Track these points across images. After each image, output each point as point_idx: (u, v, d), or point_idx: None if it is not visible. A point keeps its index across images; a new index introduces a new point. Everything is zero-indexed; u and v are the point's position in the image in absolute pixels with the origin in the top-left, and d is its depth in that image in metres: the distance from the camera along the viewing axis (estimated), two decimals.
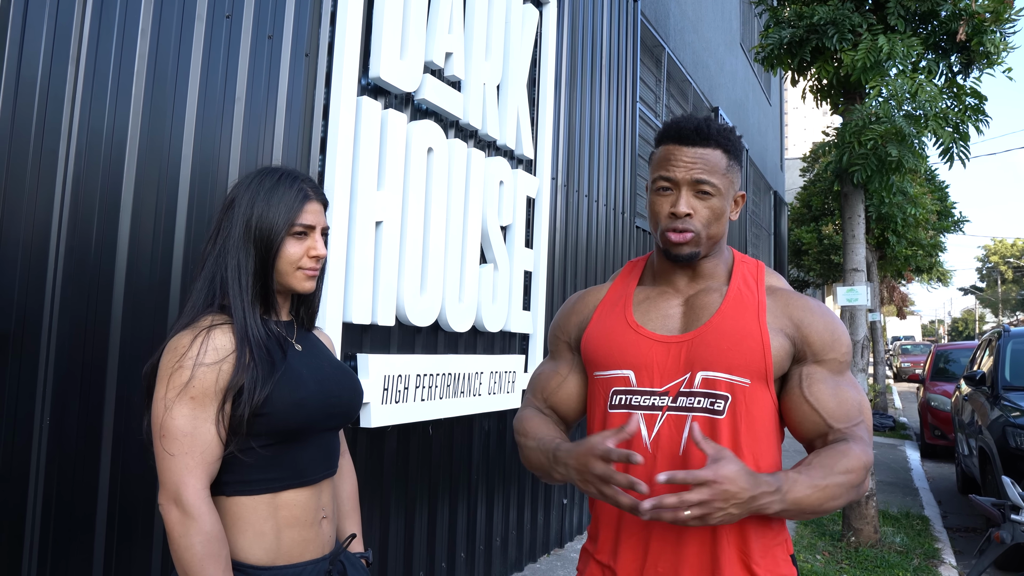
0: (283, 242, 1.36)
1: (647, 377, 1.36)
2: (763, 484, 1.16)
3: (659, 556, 1.32)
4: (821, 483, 1.22)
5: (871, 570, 4.60)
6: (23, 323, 1.88)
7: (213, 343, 1.28)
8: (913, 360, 23.83)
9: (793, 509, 1.20)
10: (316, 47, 2.80)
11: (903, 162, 4.91)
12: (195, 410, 1.25)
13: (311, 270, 1.40)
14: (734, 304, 1.37)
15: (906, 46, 4.81)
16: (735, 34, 10.89)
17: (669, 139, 1.38)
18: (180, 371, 1.25)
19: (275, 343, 1.35)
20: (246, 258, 1.34)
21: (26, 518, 1.87)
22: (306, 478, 1.36)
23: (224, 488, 1.30)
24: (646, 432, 1.34)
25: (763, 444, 1.33)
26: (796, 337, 1.35)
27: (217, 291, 1.35)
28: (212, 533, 1.22)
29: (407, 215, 3.12)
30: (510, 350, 4.06)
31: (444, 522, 3.53)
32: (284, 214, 1.36)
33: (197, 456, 1.24)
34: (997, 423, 5.46)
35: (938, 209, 13.64)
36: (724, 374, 1.32)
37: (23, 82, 1.89)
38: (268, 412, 1.29)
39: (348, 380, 1.48)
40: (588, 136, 5.09)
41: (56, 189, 1.96)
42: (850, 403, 1.33)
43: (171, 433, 1.24)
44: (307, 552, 1.35)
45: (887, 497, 6.91)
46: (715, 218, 1.37)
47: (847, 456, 1.25)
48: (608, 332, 1.43)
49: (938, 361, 11.02)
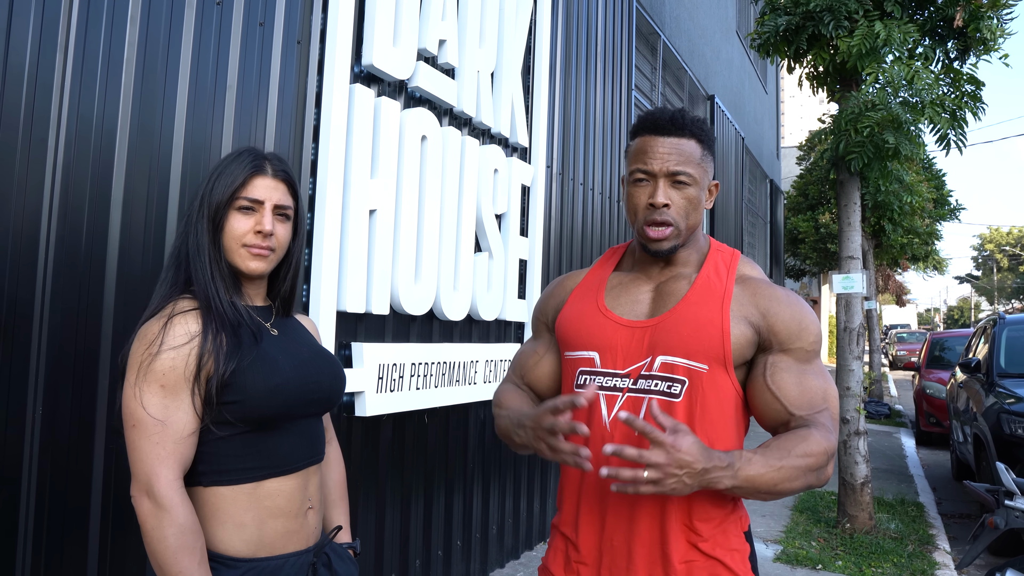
0: (226, 216, 1.30)
1: (611, 359, 1.41)
2: (715, 459, 1.19)
3: (615, 530, 1.37)
4: (776, 464, 1.24)
5: (866, 556, 4.62)
6: (14, 313, 1.87)
7: (183, 327, 1.25)
8: (909, 348, 23.90)
9: (746, 486, 1.23)
10: (308, 34, 2.77)
11: (900, 149, 4.90)
12: (166, 398, 1.22)
13: (256, 247, 1.32)
14: (700, 292, 1.41)
15: (903, 32, 4.79)
16: (731, 21, 10.84)
17: (644, 130, 1.42)
18: (149, 358, 1.22)
19: (246, 326, 1.31)
20: (202, 235, 1.30)
21: (20, 509, 1.87)
22: (288, 466, 1.32)
23: (200, 479, 1.26)
24: (606, 412, 1.39)
25: (720, 429, 1.36)
26: (761, 326, 1.38)
27: (183, 271, 1.31)
28: (186, 525, 1.18)
29: (401, 203, 3.10)
30: (505, 338, 4.05)
31: (440, 511, 3.53)
32: (229, 187, 1.30)
33: (169, 445, 1.21)
34: (992, 410, 5.48)
35: (934, 197, 13.64)
36: (682, 359, 1.35)
37: (11, 70, 1.87)
38: (241, 399, 1.25)
39: (328, 366, 1.43)
40: (583, 124, 5.07)
41: (46, 178, 1.95)
42: (814, 391, 1.35)
43: (142, 422, 1.20)
44: (290, 544, 1.32)
45: (882, 484, 6.95)
46: (692, 207, 1.41)
47: (806, 440, 1.28)
48: (579, 315, 1.49)
49: (934, 349, 11.06)
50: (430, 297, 3.28)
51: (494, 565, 3.97)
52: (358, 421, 2.97)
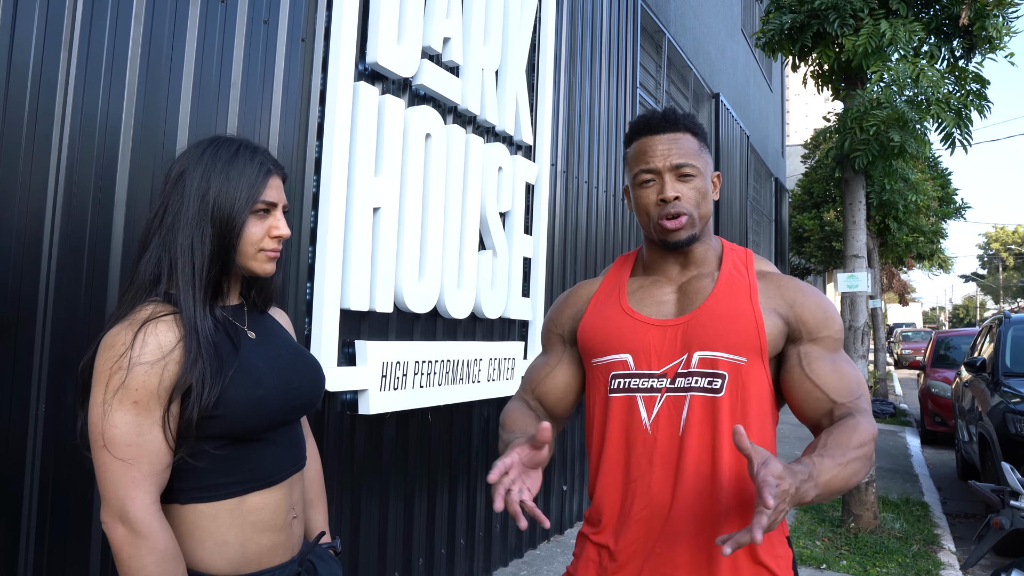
0: (246, 222, 1.23)
1: (644, 360, 1.38)
2: (799, 473, 1.12)
3: (659, 536, 1.33)
4: (843, 460, 1.21)
5: (870, 556, 4.61)
6: (17, 310, 1.87)
7: (156, 339, 1.14)
8: (914, 347, 23.84)
9: (825, 492, 1.17)
10: (312, 32, 2.77)
11: (906, 147, 4.88)
12: (139, 416, 1.11)
13: (273, 251, 1.27)
14: (726, 287, 1.40)
15: (908, 31, 4.77)
16: (736, 19, 10.81)
17: (640, 133, 1.44)
18: (119, 372, 1.11)
19: (224, 335, 1.22)
20: (202, 238, 1.20)
21: (22, 505, 1.87)
22: (271, 478, 1.24)
23: (177, 496, 1.17)
24: (645, 414, 1.36)
25: (760, 422, 1.35)
26: (790, 316, 1.38)
27: (164, 275, 1.21)
28: (166, 551, 1.09)
29: (405, 201, 3.10)
30: (509, 336, 4.05)
31: (443, 509, 3.53)
32: (247, 190, 1.22)
33: (144, 467, 1.11)
34: (997, 409, 5.45)
35: (940, 195, 13.60)
36: (722, 353, 1.34)
37: (15, 67, 1.87)
38: (221, 413, 1.16)
39: (308, 368, 1.36)
40: (588, 122, 5.06)
41: (50, 175, 1.95)
42: (849, 378, 1.35)
43: (113, 442, 1.10)
44: (276, 557, 1.24)
45: (887, 483, 6.93)
46: (702, 197, 1.42)
47: (857, 431, 1.26)
48: (605, 319, 1.46)
49: (939, 348, 11.01)
50: (434, 295, 3.28)
51: (497, 564, 3.97)
52: (361, 419, 2.97)
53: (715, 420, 1.32)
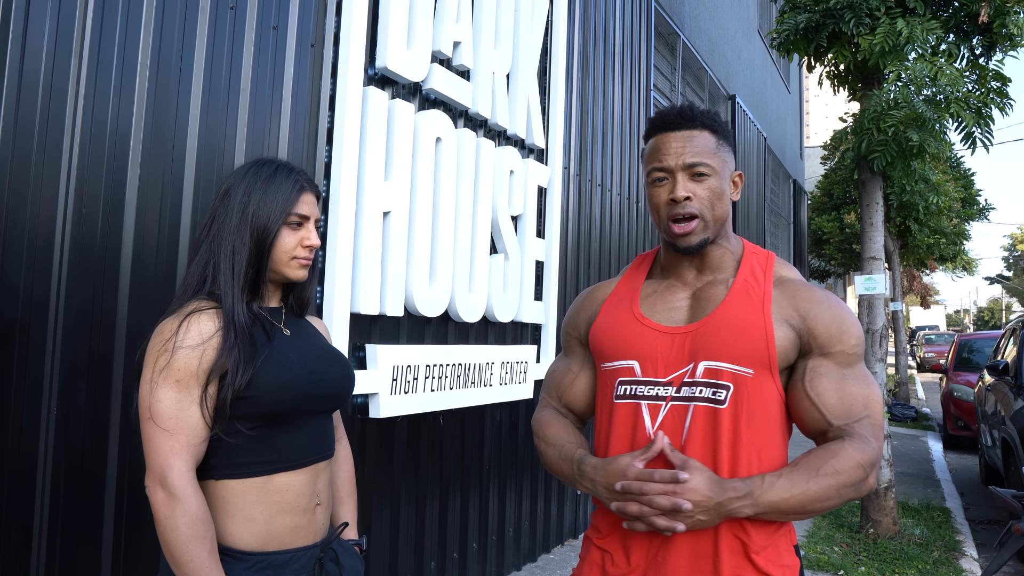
0: (279, 231, 1.39)
1: (651, 367, 1.37)
2: (730, 490, 1.20)
3: (662, 543, 1.32)
4: (802, 486, 1.22)
5: (889, 562, 4.54)
6: (29, 315, 1.89)
7: (197, 327, 1.30)
8: (937, 350, 23.49)
9: (771, 512, 1.22)
10: (322, 37, 2.79)
11: (925, 147, 4.81)
12: (180, 393, 1.27)
13: (305, 259, 1.43)
14: (739, 295, 1.37)
15: (926, 29, 4.70)
16: (752, 20, 10.74)
17: (656, 129, 1.41)
18: (165, 354, 1.28)
19: (260, 328, 1.37)
20: (241, 245, 1.37)
21: (35, 508, 1.89)
22: (296, 462, 1.36)
23: (212, 472, 1.31)
24: (649, 422, 1.35)
25: (766, 435, 1.32)
26: (802, 329, 1.34)
27: (209, 277, 1.37)
28: (197, 515, 1.23)
29: (415, 205, 3.10)
30: (522, 340, 4.04)
31: (456, 512, 3.53)
32: (281, 204, 1.39)
33: (183, 438, 1.26)
34: (1020, 413, 5.36)
35: (962, 196, 13.40)
36: (727, 364, 1.31)
37: (26, 75, 1.89)
38: (253, 395, 1.30)
39: (338, 364, 1.48)
40: (601, 125, 5.05)
41: (61, 181, 1.97)
42: (854, 398, 1.31)
43: (157, 415, 1.26)
44: (298, 539, 1.35)
45: (908, 488, 6.83)
46: (716, 198, 1.37)
47: (836, 456, 1.25)
48: (614, 324, 1.44)
49: (961, 351, 10.84)
50: (445, 299, 3.28)
51: (510, 568, 3.96)
52: (372, 423, 2.98)
53: (716, 431, 1.30)
